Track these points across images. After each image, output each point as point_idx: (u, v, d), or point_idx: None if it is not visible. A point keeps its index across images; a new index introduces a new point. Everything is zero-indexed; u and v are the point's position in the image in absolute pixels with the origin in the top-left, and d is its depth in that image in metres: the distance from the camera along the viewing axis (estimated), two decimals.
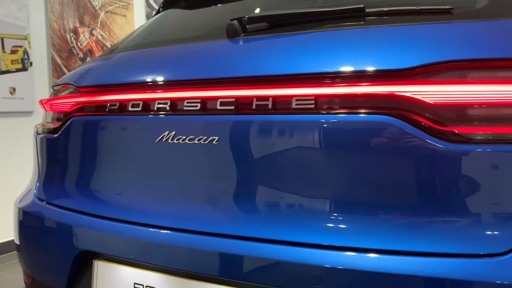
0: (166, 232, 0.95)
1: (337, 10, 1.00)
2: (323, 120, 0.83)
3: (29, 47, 3.25)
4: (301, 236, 0.83)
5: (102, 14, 3.87)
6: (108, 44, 3.91)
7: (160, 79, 1.03)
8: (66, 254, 1.09)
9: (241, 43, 1.03)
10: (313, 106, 0.84)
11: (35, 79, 3.33)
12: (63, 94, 1.26)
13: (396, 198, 0.79)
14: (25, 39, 3.22)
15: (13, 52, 3.15)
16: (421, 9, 0.95)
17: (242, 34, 1.05)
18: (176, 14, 1.53)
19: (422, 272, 0.74)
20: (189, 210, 0.95)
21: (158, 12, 1.69)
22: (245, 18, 1.04)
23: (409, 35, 0.87)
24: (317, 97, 0.84)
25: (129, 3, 4.13)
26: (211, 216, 0.92)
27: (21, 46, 3.19)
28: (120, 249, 1.02)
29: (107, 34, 3.92)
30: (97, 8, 3.82)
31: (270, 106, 0.87)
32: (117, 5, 3.98)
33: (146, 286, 0.98)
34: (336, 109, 0.82)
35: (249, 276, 0.85)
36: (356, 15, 0.98)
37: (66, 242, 1.10)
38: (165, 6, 1.67)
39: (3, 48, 3.07)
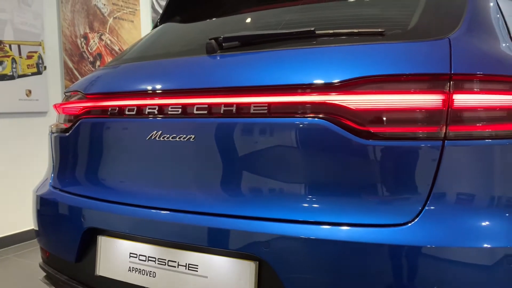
0: (155, 211, 1.18)
1: (293, 32, 1.23)
2: (273, 122, 1.06)
3: (43, 52, 3.51)
4: (255, 212, 1.06)
5: (110, 20, 4.12)
6: (116, 48, 4.16)
7: (150, 88, 1.27)
8: (75, 231, 1.34)
9: (216, 58, 1.27)
10: (266, 111, 1.07)
11: (49, 82, 3.58)
12: (73, 99, 1.50)
13: (328, 181, 1.02)
14: (40, 45, 3.48)
15: (29, 57, 3.41)
16: (358, 32, 1.18)
17: (219, 51, 1.28)
18: (170, 29, 1.77)
19: (348, 238, 0.97)
20: (172, 193, 1.19)
21: (156, 26, 1.93)
22: (221, 38, 1.28)
23: (340, 54, 1.09)
24: (269, 104, 1.07)
25: (136, 9, 4.38)
26: (188, 197, 1.16)
27: (36, 52, 3.45)
28: (119, 226, 1.26)
29: (115, 38, 4.18)
30: (105, 14, 4.08)
31: (234, 111, 1.11)
32: (124, 11, 4.24)
33: (139, 255, 1.22)
34: (282, 113, 1.05)
35: (218, 243, 1.08)
36: (308, 36, 1.21)
37: (75, 221, 1.34)
38: (162, 20, 1.91)
39: (19, 53, 3.33)
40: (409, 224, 0.95)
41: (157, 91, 1.25)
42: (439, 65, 1.00)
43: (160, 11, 4.52)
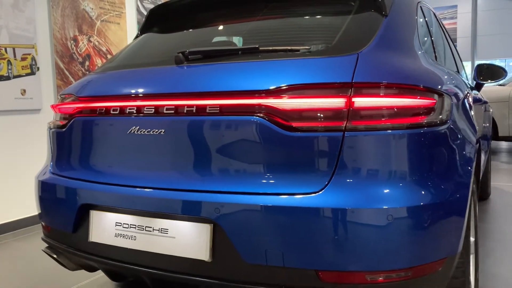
0: (134, 189, 1.52)
1: (243, 48, 1.57)
2: (222, 119, 1.40)
3: (36, 54, 3.80)
4: (208, 186, 1.40)
5: (98, 23, 4.42)
6: (104, 49, 4.47)
7: (130, 92, 1.60)
8: (72, 207, 1.67)
9: (183, 69, 1.60)
10: (218, 111, 1.41)
11: (42, 82, 3.87)
12: (67, 101, 1.82)
13: (263, 162, 1.36)
14: (33, 47, 3.77)
15: (23, 59, 3.70)
16: (291, 49, 1.52)
17: (185, 62, 1.61)
18: (148, 40, 2.10)
19: (276, 203, 1.31)
20: (147, 174, 1.52)
21: (137, 36, 2.26)
22: (187, 52, 1.61)
23: (274, 67, 1.44)
24: (220, 105, 1.41)
25: (122, 12, 4.68)
26: (160, 177, 1.50)
27: (29, 54, 3.74)
28: (107, 201, 1.59)
29: (103, 40, 4.48)
30: (93, 18, 4.37)
31: (194, 111, 1.44)
32: (111, 14, 4.54)
33: (123, 223, 1.56)
34: (229, 113, 1.39)
35: (182, 211, 1.42)
36: (253, 52, 1.55)
37: (72, 199, 1.67)
38: (142, 31, 2.24)
39: (14, 56, 3.62)
40: (319, 193, 1.30)
41: (135, 95, 1.58)
42: (344, 76, 1.35)
43: (145, 13, 4.83)
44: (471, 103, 1.93)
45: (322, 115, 1.33)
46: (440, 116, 1.42)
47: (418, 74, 1.50)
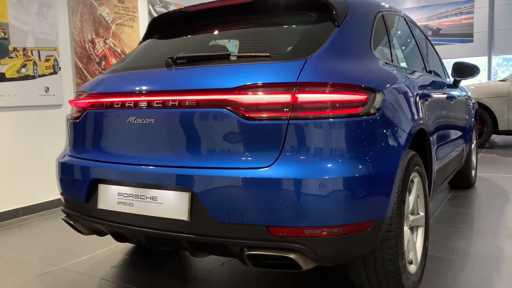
0: (132, 166, 1.93)
1: (218, 54, 1.97)
2: (198, 111, 1.79)
3: (58, 56, 4.26)
4: (186, 163, 1.80)
5: (113, 26, 4.87)
6: (119, 50, 4.91)
7: (128, 90, 2.01)
8: (84, 182, 2.09)
9: (171, 71, 2.00)
10: (195, 104, 1.81)
11: (63, 80, 4.34)
12: (81, 97, 2.24)
13: (228, 144, 1.75)
14: (55, 50, 4.23)
15: (47, 60, 4.16)
16: (255, 55, 1.91)
17: (173, 66, 2.02)
18: (148, 46, 2.51)
19: (237, 175, 1.69)
20: (142, 154, 1.93)
21: (140, 42, 2.67)
22: (175, 57, 2.01)
23: (239, 69, 1.82)
24: (196, 100, 1.81)
25: (135, 16, 5.12)
26: (151, 156, 1.90)
27: (52, 56, 4.20)
28: (112, 176, 2.00)
29: (118, 42, 4.93)
30: (109, 22, 4.82)
31: (177, 105, 1.84)
32: (125, 18, 4.98)
33: (123, 193, 1.97)
34: (203, 106, 1.79)
35: (168, 182, 1.82)
36: (227, 57, 1.95)
37: (85, 176, 2.09)
38: (145, 38, 2.65)
39: (39, 58, 4.09)
40: (269, 167, 1.68)
41: (133, 92, 1.99)
42: (291, 77, 1.73)
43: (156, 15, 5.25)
44: (415, 98, 2.28)
45: (273, 108, 1.71)
46: (371, 109, 1.79)
47: (357, 74, 1.87)
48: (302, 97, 1.70)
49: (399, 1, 22.70)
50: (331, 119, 1.70)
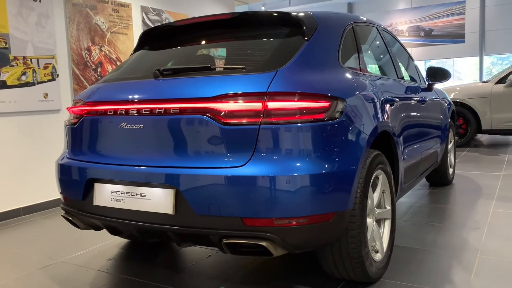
0: (124, 166, 2.17)
1: (199, 67, 2.22)
2: (181, 117, 2.04)
3: (56, 63, 4.50)
4: (171, 163, 2.04)
5: (108, 34, 5.11)
6: (114, 57, 5.15)
7: (120, 98, 2.25)
8: (81, 181, 2.33)
9: (159, 81, 2.24)
10: (178, 111, 2.05)
11: (61, 86, 4.57)
12: (78, 105, 2.48)
13: (207, 146, 1.99)
14: (53, 58, 4.47)
15: (45, 67, 4.40)
16: (232, 67, 2.16)
17: (160, 77, 2.26)
18: (139, 57, 2.75)
19: (216, 173, 1.94)
20: (132, 156, 2.17)
21: (132, 54, 2.91)
22: (161, 69, 2.26)
23: (217, 80, 2.07)
24: (180, 108, 2.05)
25: (129, 24, 5.36)
26: (140, 158, 2.15)
27: (50, 63, 4.44)
28: (106, 176, 2.24)
29: (113, 49, 5.16)
30: (104, 30, 5.06)
31: (162, 112, 2.09)
32: (119, 26, 5.22)
33: (116, 191, 2.21)
34: (186, 113, 2.03)
35: (155, 180, 2.07)
36: (207, 69, 2.19)
37: (82, 176, 2.33)
38: (136, 50, 2.90)
39: (38, 65, 4.33)
40: (243, 166, 1.93)
41: (124, 100, 2.23)
42: (262, 87, 1.97)
43: (150, 24, 5.50)
44: (379, 102, 2.52)
45: (246, 114, 1.96)
46: (334, 114, 2.04)
47: (321, 84, 2.12)
48: (272, 105, 1.95)
49: (392, 2, 23.04)
50: (298, 124, 1.95)
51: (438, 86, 4.46)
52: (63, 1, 4.61)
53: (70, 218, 2.50)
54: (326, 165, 1.98)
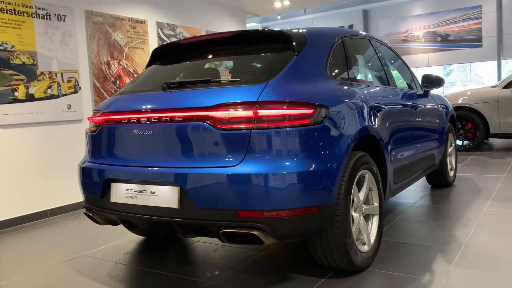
0: (136, 167, 2.50)
1: (201, 80, 2.54)
2: (184, 124, 2.35)
3: (78, 77, 4.90)
4: (177, 164, 2.36)
5: (126, 49, 5.50)
6: (131, 70, 5.53)
7: (133, 109, 2.58)
8: (100, 182, 2.66)
9: (166, 93, 2.57)
10: (182, 119, 2.37)
11: (83, 98, 4.97)
12: (97, 115, 2.83)
13: (207, 149, 2.30)
14: (76, 72, 4.87)
15: (69, 81, 4.80)
16: (229, 80, 2.47)
17: (168, 89, 2.58)
18: (151, 71, 3.09)
19: (214, 172, 2.24)
20: (144, 159, 2.49)
21: (145, 68, 3.26)
22: (169, 83, 2.58)
23: (215, 91, 2.38)
24: (183, 116, 2.37)
25: (146, 39, 5.75)
26: (151, 160, 2.47)
27: (73, 77, 4.84)
28: (121, 176, 2.57)
29: (130, 63, 5.55)
30: (122, 45, 5.45)
31: (169, 120, 2.41)
32: (136, 41, 5.61)
33: (130, 189, 2.53)
34: (188, 120, 2.34)
35: (163, 179, 2.38)
36: (207, 82, 2.51)
37: (100, 176, 2.67)
38: (148, 65, 3.24)
39: (62, 79, 4.73)
40: (237, 165, 2.23)
41: (137, 110, 2.56)
42: (254, 97, 2.27)
43: (164, 39, 5.88)
44: (365, 109, 2.79)
45: (240, 121, 2.26)
46: (318, 120, 2.32)
47: (307, 93, 2.40)
48: (261, 112, 2.24)
49: (407, 8, 23.14)
50: (286, 128, 2.24)
51: (453, 90, 4.68)
52: (84, 20, 5.02)
53: (90, 214, 2.83)
54: (310, 164, 2.26)
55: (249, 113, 2.25)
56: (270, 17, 19.59)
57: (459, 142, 7.94)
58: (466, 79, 23.65)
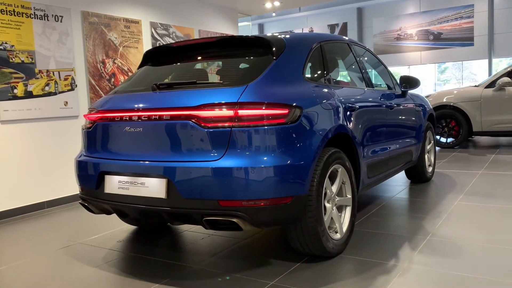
0: (128, 161, 2.74)
1: (187, 82, 2.78)
2: (172, 122, 2.59)
3: (75, 75, 5.13)
4: (164, 158, 2.60)
5: (120, 48, 5.72)
6: (126, 68, 5.76)
7: (125, 107, 2.82)
8: (95, 174, 2.90)
9: (156, 93, 2.81)
10: (169, 118, 2.61)
11: (79, 95, 5.20)
12: (92, 112, 3.06)
13: (191, 145, 2.55)
14: (72, 70, 5.10)
15: (65, 79, 5.03)
16: (214, 83, 2.72)
17: (157, 90, 2.83)
18: (143, 72, 3.34)
19: (198, 165, 2.49)
20: (134, 153, 2.74)
21: (138, 69, 3.50)
22: (158, 84, 2.82)
23: (201, 92, 2.62)
24: (170, 115, 2.61)
25: (139, 39, 5.97)
26: (140, 154, 2.71)
27: (70, 75, 5.07)
28: (114, 169, 2.81)
29: (125, 61, 5.78)
30: (117, 44, 5.68)
31: (157, 118, 2.65)
32: (131, 41, 5.83)
33: (122, 181, 2.77)
34: (175, 119, 2.58)
35: (152, 172, 2.63)
36: (194, 83, 2.76)
37: (95, 169, 2.91)
38: (140, 66, 3.48)
39: (59, 77, 4.96)
40: (218, 160, 2.48)
41: (128, 109, 2.80)
42: (234, 98, 2.52)
43: (158, 38, 6.10)
44: (339, 108, 3.04)
45: (221, 119, 2.50)
46: (292, 119, 2.58)
47: (283, 95, 2.65)
48: (241, 112, 2.49)
49: (400, 7, 23.41)
50: (264, 127, 2.48)
51: (447, 88, 4.91)
52: (80, 20, 5.24)
53: (86, 204, 3.07)
54: (284, 159, 2.51)
55: (230, 112, 2.50)
56: (265, 15, 19.80)
57: (443, 140, 8.22)
58: (460, 77, 23.98)
